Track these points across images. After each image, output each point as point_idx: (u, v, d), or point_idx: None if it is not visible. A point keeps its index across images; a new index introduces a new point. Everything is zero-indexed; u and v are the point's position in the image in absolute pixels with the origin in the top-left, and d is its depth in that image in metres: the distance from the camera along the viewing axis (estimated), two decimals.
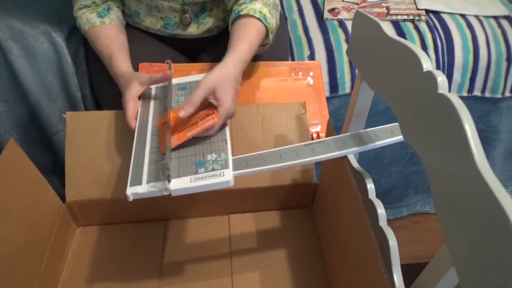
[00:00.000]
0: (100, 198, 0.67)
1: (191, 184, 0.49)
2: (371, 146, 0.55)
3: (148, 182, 0.50)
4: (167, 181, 0.49)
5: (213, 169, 0.51)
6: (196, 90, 0.58)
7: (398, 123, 0.55)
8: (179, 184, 0.49)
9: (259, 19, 0.72)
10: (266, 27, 0.73)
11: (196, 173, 0.51)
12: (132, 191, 0.49)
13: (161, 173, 0.50)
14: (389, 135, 0.55)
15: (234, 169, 0.51)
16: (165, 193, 0.49)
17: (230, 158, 0.53)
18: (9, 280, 0.54)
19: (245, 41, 0.69)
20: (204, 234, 0.73)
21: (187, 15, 0.85)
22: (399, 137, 0.54)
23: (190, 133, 0.55)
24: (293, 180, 0.72)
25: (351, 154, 0.57)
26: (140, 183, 0.50)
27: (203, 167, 0.51)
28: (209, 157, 0.53)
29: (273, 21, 0.75)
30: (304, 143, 0.55)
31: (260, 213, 0.76)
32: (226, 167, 0.51)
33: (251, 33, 0.71)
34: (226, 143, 0.56)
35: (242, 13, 0.71)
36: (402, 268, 0.47)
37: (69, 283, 0.65)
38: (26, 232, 0.58)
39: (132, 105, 0.63)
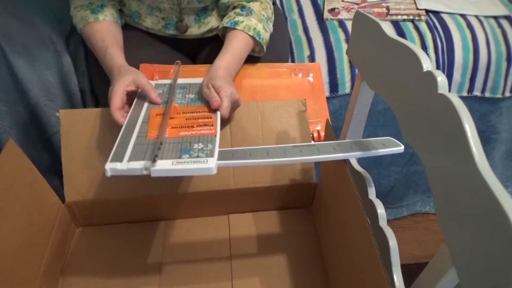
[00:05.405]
0: (99, 198, 0.67)
1: (172, 166, 0.48)
2: (360, 154, 0.54)
3: (129, 160, 0.50)
4: (148, 161, 0.49)
5: (197, 157, 0.51)
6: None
7: (390, 138, 0.56)
8: (160, 165, 0.49)
9: (252, 36, 0.80)
10: (259, 42, 0.81)
11: (179, 157, 0.50)
12: (112, 166, 0.49)
13: (151, 151, 0.51)
14: (380, 147, 0.54)
15: (219, 159, 0.51)
16: (145, 173, 0.48)
17: (217, 149, 0.53)
18: (9, 280, 0.54)
19: (234, 55, 0.78)
20: (204, 234, 0.73)
21: (183, 23, 0.86)
22: (389, 150, 0.54)
23: (184, 133, 0.56)
24: (293, 179, 0.71)
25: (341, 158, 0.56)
26: (121, 161, 0.50)
27: (188, 154, 0.51)
28: (195, 146, 0.53)
29: (266, 35, 0.83)
30: (293, 144, 0.55)
31: (260, 213, 0.76)
32: (211, 156, 0.51)
33: (241, 48, 0.79)
34: (216, 136, 0.56)
35: (238, 27, 0.79)
36: (402, 268, 0.47)
37: (68, 283, 0.65)
38: (26, 232, 0.58)
39: (119, 96, 0.63)
